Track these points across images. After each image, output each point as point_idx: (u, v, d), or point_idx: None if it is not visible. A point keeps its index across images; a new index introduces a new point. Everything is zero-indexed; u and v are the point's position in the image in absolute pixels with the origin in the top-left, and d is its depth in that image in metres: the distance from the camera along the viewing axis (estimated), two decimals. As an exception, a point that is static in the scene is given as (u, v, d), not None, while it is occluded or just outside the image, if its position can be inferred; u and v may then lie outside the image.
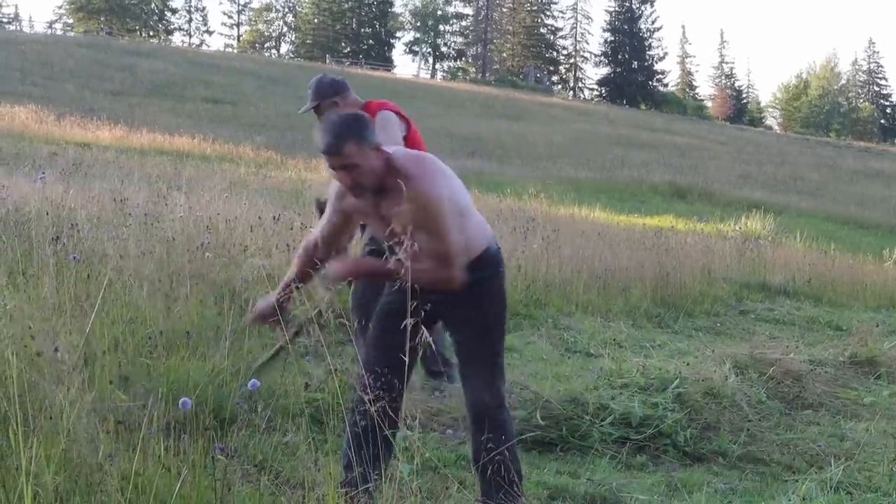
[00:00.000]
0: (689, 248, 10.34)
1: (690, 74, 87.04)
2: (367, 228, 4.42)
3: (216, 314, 4.30)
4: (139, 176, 10.27)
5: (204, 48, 71.51)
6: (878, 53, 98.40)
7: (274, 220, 5.90)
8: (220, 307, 4.38)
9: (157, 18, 78.55)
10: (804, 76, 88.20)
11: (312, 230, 3.02)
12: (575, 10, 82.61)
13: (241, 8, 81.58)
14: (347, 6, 79.76)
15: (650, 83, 79.54)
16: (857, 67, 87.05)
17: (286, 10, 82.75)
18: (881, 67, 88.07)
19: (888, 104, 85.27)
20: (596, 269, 8.07)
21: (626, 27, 79.54)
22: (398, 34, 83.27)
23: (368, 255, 4.39)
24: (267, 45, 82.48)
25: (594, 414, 4.16)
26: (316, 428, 3.54)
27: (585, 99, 78.12)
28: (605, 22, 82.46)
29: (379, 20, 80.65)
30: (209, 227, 5.87)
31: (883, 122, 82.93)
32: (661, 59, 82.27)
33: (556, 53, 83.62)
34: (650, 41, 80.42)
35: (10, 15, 79.45)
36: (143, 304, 4.17)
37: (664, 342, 6.62)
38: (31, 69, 36.28)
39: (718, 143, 46.96)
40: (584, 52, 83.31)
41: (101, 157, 14.45)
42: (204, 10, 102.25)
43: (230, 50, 75.18)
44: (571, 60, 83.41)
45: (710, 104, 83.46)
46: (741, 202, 24.26)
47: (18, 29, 66.13)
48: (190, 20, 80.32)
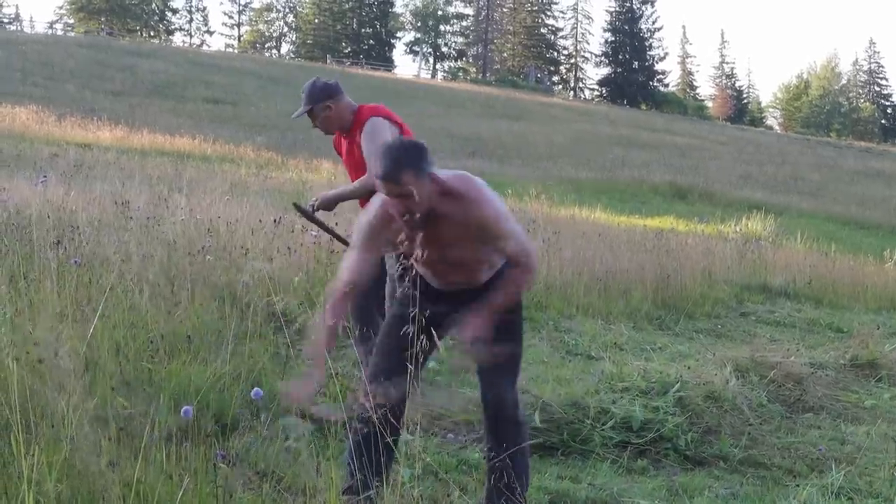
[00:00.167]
0: (689, 249, 10.35)
1: (691, 74, 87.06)
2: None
3: (218, 318, 4.30)
4: (140, 178, 10.27)
5: (205, 48, 71.56)
6: (878, 53, 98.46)
7: (275, 222, 5.90)
8: (221, 311, 4.38)
9: (157, 19, 78.57)
10: (805, 76, 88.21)
11: (337, 283, 2.88)
12: (575, 10, 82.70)
13: (241, 8, 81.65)
14: (348, 6, 79.77)
15: (651, 83, 79.53)
16: (857, 67, 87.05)
17: (287, 10, 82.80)
18: (882, 67, 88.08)
19: (889, 104, 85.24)
20: (597, 271, 8.07)
21: (626, 27, 79.53)
22: (399, 34, 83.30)
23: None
24: (267, 45, 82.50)
25: (595, 418, 4.16)
26: (317, 433, 3.54)
27: (586, 99, 78.13)
28: (605, 22, 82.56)
29: (379, 20, 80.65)
30: (210, 229, 5.87)
31: (884, 122, 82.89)
32: (661, 59, 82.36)
33: (556, 53, 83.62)
34: (651, 41, 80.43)
35: (10, 15, 79.54)
36: (144, 307, 4.17)
37: (665, 345, 6.63)
38: (31, 69, 36.29)
39: (719, 143, 46.95)
40: (584, 52, 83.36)
41: (101, 158, 14.45)
42: (204, 10, 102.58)
43: (231, 50, 75.20)
44: (572, 60, 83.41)
45: (710, 104, 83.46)
46: (742, 202, 24.27)
47: (19, 29, 66.16)
48: (191, 20, 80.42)
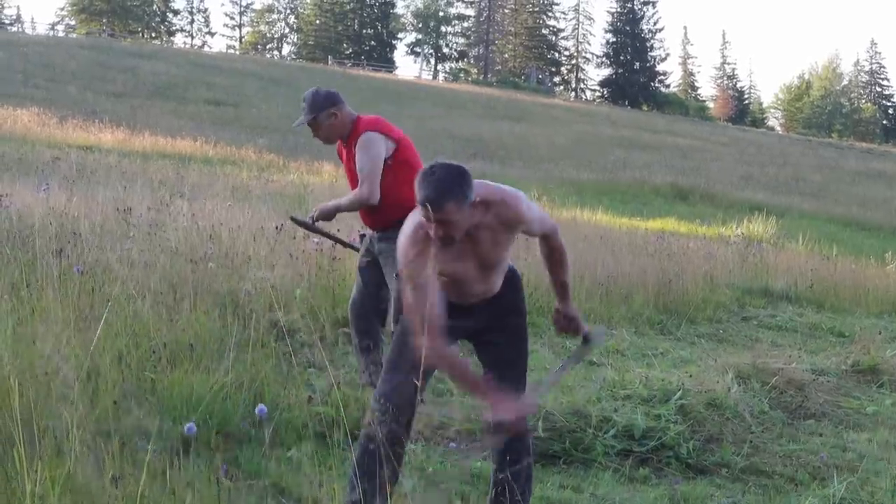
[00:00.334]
0: (691, 253, 10.35)
1: (692, 75, 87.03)
2: (366, 240, 4.43)
3: (220, 326, 4.30)
4: (142, 181, 10.28)
5: (206, 50, 71.61)
6: (880, 54, 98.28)
7: (277, 230, 5.91)
8: (223, 319, 4.38)
9: (159, 20, 78.60)
10: (806, 77, 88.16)
11: (428, 308, 2.68)
12: (577, 11, 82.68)
13: (242, 9, 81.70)
14: (349, 7, 79.80)
15: (652, 84, 79.51)
16: (859, 68, 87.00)
17: (288, 11, 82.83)
18: (883, 68, 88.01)
19: (890, 105, 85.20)
20: (598, 275, 8.06)
21: (627, 28, 79.52)
22: (400, 35, 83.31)
23: (366, 268, 4.39)
24: (269, 46, 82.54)
25: (597, 426, 4.16)
26: (320, 442, 3.55)
27: (587, 100, 78.13)
28: (606, 23, 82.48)
29: (381, 21, 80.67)
30: (212, 236, 5.88)
31: (885, 122, 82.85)
32: (662, 60, 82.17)
33: (557, 54, 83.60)
34: (652, 42, 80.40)
35: (12, 16, 79.54)
36: (146, 315, 4.17)
37: (667, 350, 6.63)
38: (33, 71, 36.29)
39: (720, 144, 46.95)
40: (585, 53, 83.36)
41: (103, 161, 14.45)
42: (206, 11, 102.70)
43: (232, 51, 75.25)
44: (573, 61, 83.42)
45: (712, 105, 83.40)
46: (743, 204, 24.28)
47: (20, 30, 66.21)
48: (192, 21, 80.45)
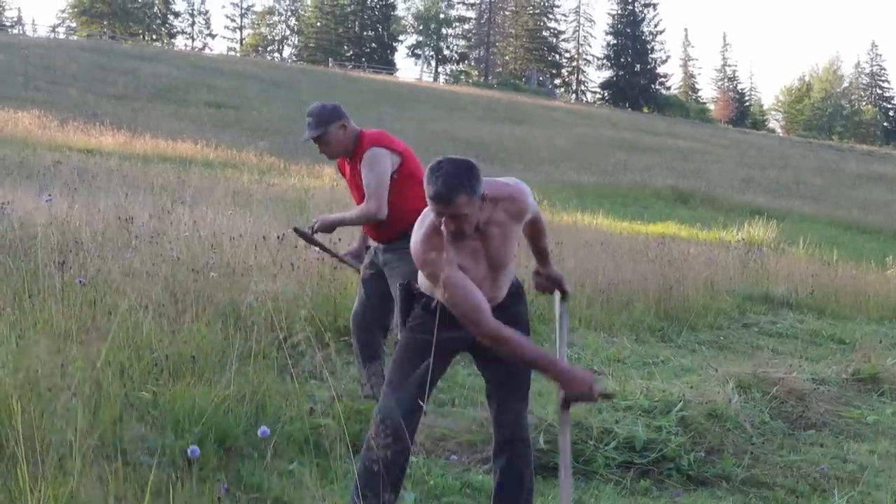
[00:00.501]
0: (692, 259, 10.35)
1: (693, 77, 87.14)
2: (370, 252, 4.43)
3: (222, 338, 4.31)
4: (143, 186, 10.29)
5: (207, 52, 71.70)
6: (880, 56, 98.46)
7: (279, 239, 5.92)
8: (225, 331, 4.39)
9: (160, 22, 78.70)
10: (807, 79, 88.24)
11: (477, 297, 2.71)
12: (577, 13, 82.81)
13: (243, 11, 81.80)
14: (350, 9, 79.87)
15: (653, 86, 79.59)
16: (859, 70, 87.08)
17: (289, 13, 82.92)
18: (884, 70, 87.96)
19: (891, 107, 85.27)
20: (599, 282, 8.06)
21: (628, 30, 79.60)
22: (401, 37, 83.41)
23: (369, 280, 4.39)
24: (270, 48, 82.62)
25: (598, 438, 4.16)
26: (322, 455, 3.55)
27: (588, 102, 78.19)
28: (607, 25, 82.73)
29: (381, 23, 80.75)
30: (214, 245, 5.88)
31: (886, 124, 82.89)
32: (663, 62, 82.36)
33: (558, 56, 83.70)
34: (653, 44, 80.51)
35: (13, 19, 79.67)
36: (148, 327, 4.18)
37: (667, 358, 6.62)
38: (34, 73, 36.32)
39: (721, 146, 46.96)
40: (586, 55, 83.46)
41: (104, 164, 14.47)
42: (207, 13, 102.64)
43: (233, 53, 75.35)
44: (574, 63, 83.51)
45: (712, 107, 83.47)
46: (744, 207, 24.29)
47: (21, 33, 66.28)
48: (193, 23, 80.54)
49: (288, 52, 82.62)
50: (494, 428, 3.08)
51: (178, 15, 79.76)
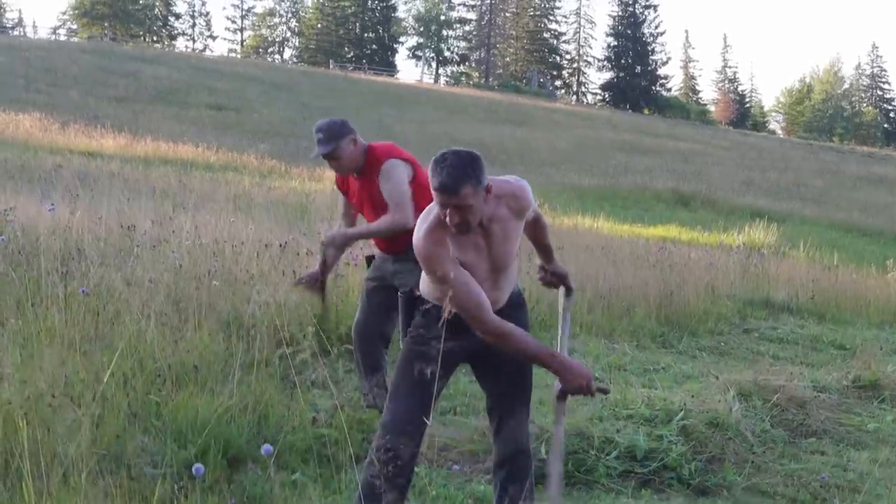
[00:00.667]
0: (692, 264, 10.36)
1: (693, 79, 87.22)
2: (375, 263, 4.43)
3: (224, 348, 4.32)
4: (145, 191, 10.30)
5: (207, 53, 71.79)
6: (881, 58, 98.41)
7: (280, 247, 5.93)
8: (227, 340, 4.40)
9: (160, 24, 78.78)
10: (807, 80, 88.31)
11: (480, 294, 2.75)
12: (578, 14, 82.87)
13: (244, 13, 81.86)
14: (351, 11, 79.92)
15: (653, 88, 79.64)
16: (860, 72, 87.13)
17: (289, 14, 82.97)
18: (884, 72, 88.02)
19: (891, 108, 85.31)
20: (600, 288, 8.07)
21: (629, 32, 79.65)
22: (401, 39, 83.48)
23: (372, 291, 4.40)
24: (270, 50, 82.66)
25: (599, 447, 4.17)
26: (325, 465, 3.57)
27: (588, 104, 78.22)
28: (608, 27, 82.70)
29: (382, 25, 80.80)
30: (216, 252, 5.89)
31: (886, 126, 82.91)
32: (664, 63, 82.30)
33: (559, 58, 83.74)
34: (653, 46, 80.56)
35: (13, 20, 79.74)
36: (150, 336, 4.19)
37: (668, 364, 6.63)
38: (35, 76, 36.36)
39: (722, 148, 47.00)
40: (587, 56, 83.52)
41: (105, 168, 14.50)
42: (207, 15, 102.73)
43: (234, 55, 75.40)
44: (575, 65, 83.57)
45: (713, 109, 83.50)
46: (745, 210, 24.31)
47: (22, 35, 66.33)
48: (193, 25, 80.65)
49: (289, 53, 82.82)
50: (495, 441, 3.09)
51: (178, 17, 79.93)
